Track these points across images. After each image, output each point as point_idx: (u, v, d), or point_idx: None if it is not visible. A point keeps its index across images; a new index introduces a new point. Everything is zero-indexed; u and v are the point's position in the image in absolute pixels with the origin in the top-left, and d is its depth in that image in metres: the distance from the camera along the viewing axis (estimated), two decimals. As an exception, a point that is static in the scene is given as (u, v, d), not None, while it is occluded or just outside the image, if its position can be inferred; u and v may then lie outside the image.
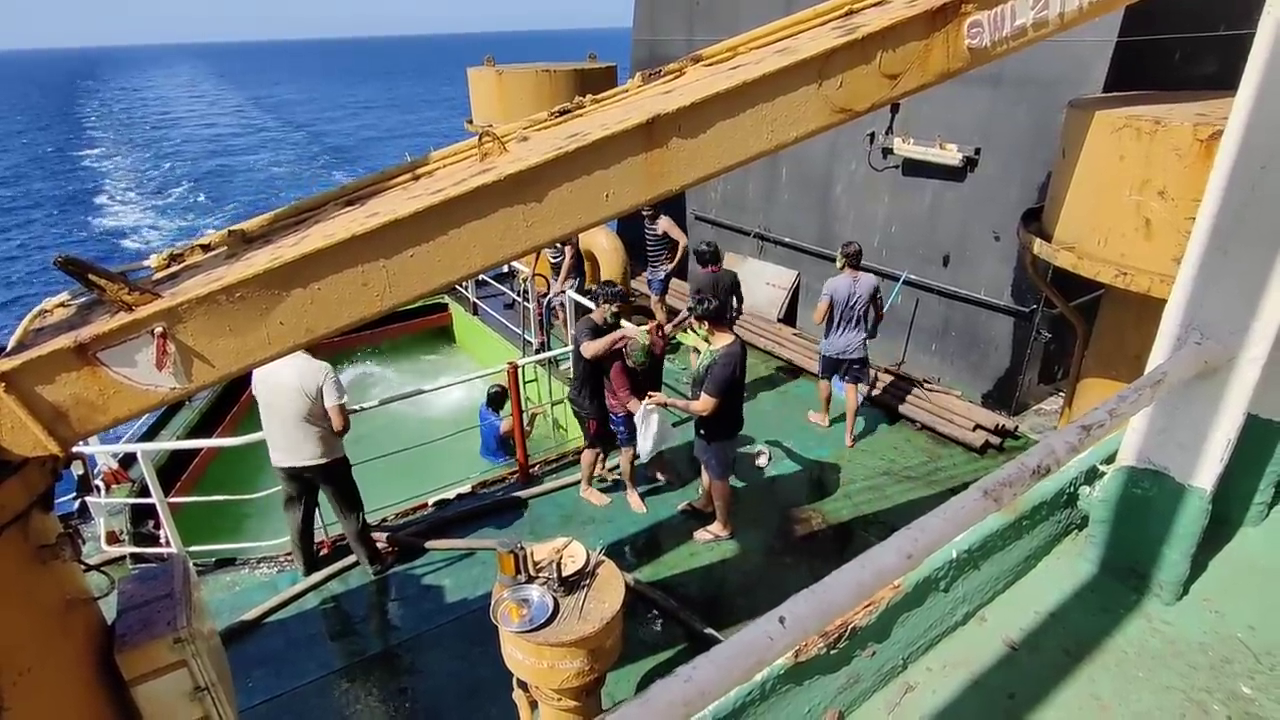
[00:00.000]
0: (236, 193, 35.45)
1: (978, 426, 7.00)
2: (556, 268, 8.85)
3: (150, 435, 7.40)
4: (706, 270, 7.38)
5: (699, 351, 5.29)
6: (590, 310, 7.87)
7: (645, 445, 5.27)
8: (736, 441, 5.41)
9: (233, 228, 2.63)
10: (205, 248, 2.57)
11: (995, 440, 6.95)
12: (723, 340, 4.96)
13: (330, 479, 4.92)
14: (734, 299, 7.44)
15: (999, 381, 7.60)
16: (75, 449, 2.25)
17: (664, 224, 8.78)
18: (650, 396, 5.16)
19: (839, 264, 6.56)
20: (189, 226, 30.29)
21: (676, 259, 8.95)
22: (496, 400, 7.71)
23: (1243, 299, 1.36)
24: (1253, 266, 1.34)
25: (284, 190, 35.50)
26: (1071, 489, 1.79)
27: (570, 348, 8.03)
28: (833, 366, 6.92)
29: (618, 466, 6.22)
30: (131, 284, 2.11)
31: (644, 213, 8.74)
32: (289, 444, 4.71)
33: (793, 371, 8.54)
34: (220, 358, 2.22)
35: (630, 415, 5.35)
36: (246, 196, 34.41)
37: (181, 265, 2.53)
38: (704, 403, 4.92)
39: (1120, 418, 1.22)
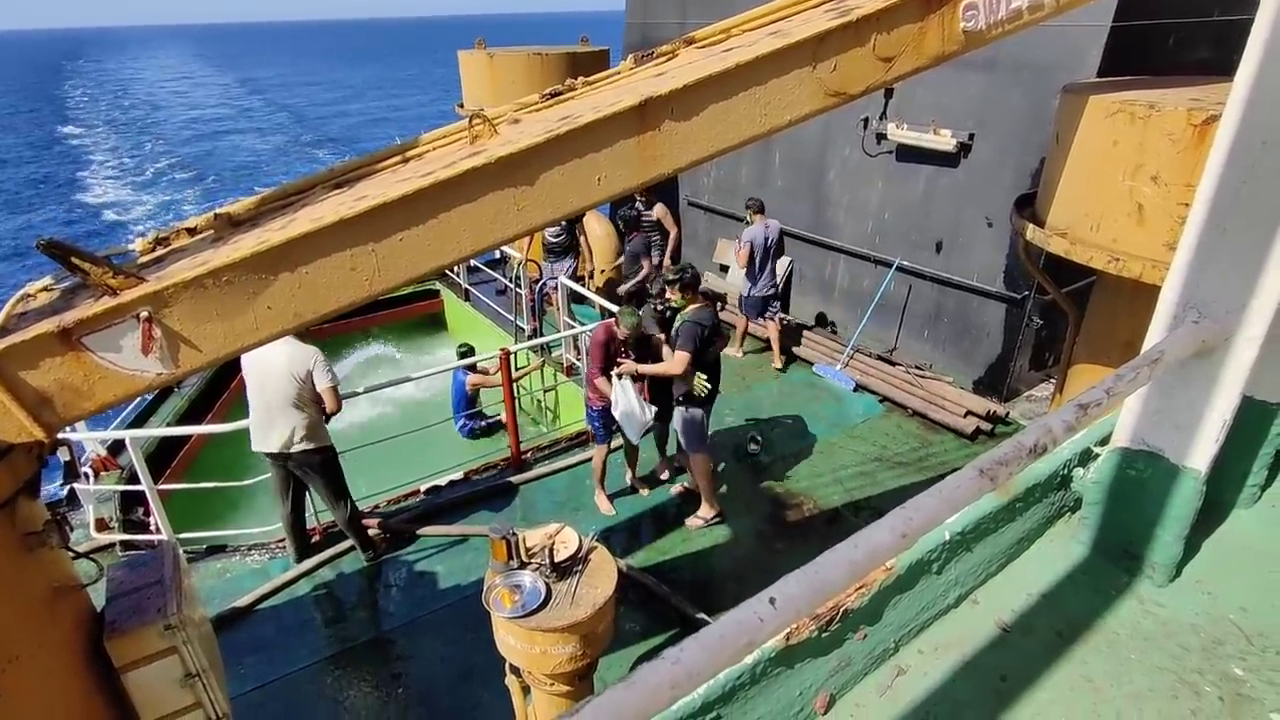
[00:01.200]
0: (223, 175, 35.07)
1: (969, 413, 7.02)
2: (553, 249, 8.73)
3: (139, 421, 7.33)
4: (631, 237, 8.39)
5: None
6: (584, 294, 7.98)
7: (627, 425, 5.25)
8: (709, 411, 5.42)
9: (219, 211, 2.59)
10: (191, 231, 2.54)
11: (986, 426, 6.98)
12: (695, 305, 5.19)
13: (314, 468, 4.88)
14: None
15: (990, 368, 7.62)
16: (62, 435, 2.22)
17: (659, 211, 8.75)
18: (620, 364, 5.17)
19: (749, 218, 7.70)
20: (171, 201, 30.04)
21: (669, 248, 8.93)
22: (465, 358, 7.45)
23: (1240, 278, 1.35)
24: (1251, 245, 1.33)
25: (271, 171, 35.17)
26: (1065, 471, 1.79)
27: (563, 334, 8.05)
28: (760, 307, 7.99)
29: (673, 458, 6.24)
30: (116, 268, 2.08)
31: (638, 198, 8.69)
32: (273, 428, 4.68)
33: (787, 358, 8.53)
34: (207, 342, 2.19)
35: (604, 410, 5.33)
36: (233, 178, 34.04)
37: (167, 249, 2.50)
38: (679, 358, 5.02)
39: (1117, 396, 1.21)
